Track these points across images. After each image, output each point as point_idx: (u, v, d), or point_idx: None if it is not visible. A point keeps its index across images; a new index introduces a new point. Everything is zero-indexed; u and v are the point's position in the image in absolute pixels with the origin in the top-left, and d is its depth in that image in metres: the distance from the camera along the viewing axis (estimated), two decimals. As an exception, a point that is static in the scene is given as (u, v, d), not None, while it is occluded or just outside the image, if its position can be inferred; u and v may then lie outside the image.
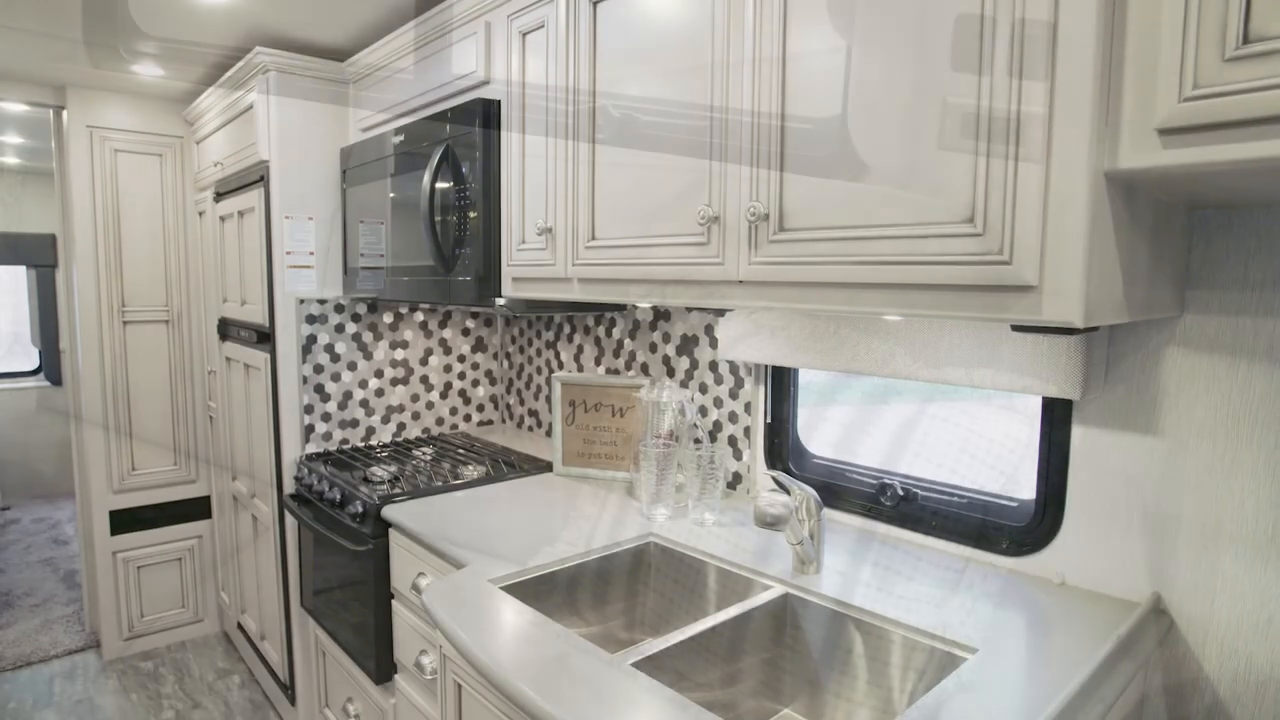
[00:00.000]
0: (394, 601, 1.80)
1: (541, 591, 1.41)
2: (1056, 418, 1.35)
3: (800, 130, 1.05)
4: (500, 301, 1.73)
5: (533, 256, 1.58)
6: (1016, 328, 1.06)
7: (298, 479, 2.19)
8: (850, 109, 1.00)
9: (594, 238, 1.42)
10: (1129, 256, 0.93)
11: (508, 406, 2.73)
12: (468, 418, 2.66)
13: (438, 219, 1.78)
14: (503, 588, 1.35)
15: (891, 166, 0.95)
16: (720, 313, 1.36)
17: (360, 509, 1.82)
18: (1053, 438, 1.36)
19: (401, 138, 1.94)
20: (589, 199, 1.42)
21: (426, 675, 1.61)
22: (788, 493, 1.37)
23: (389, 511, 1.75)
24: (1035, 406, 1.39)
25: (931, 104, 0.91)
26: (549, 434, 2.53)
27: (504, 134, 1.66)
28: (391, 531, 1.77)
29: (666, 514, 1.69)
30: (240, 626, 2.87)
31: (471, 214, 1.70)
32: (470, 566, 1.40)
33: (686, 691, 1.17)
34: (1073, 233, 0.82)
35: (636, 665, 1.09)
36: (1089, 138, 0.80)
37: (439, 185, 1.77)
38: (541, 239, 1.54)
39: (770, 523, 1.20)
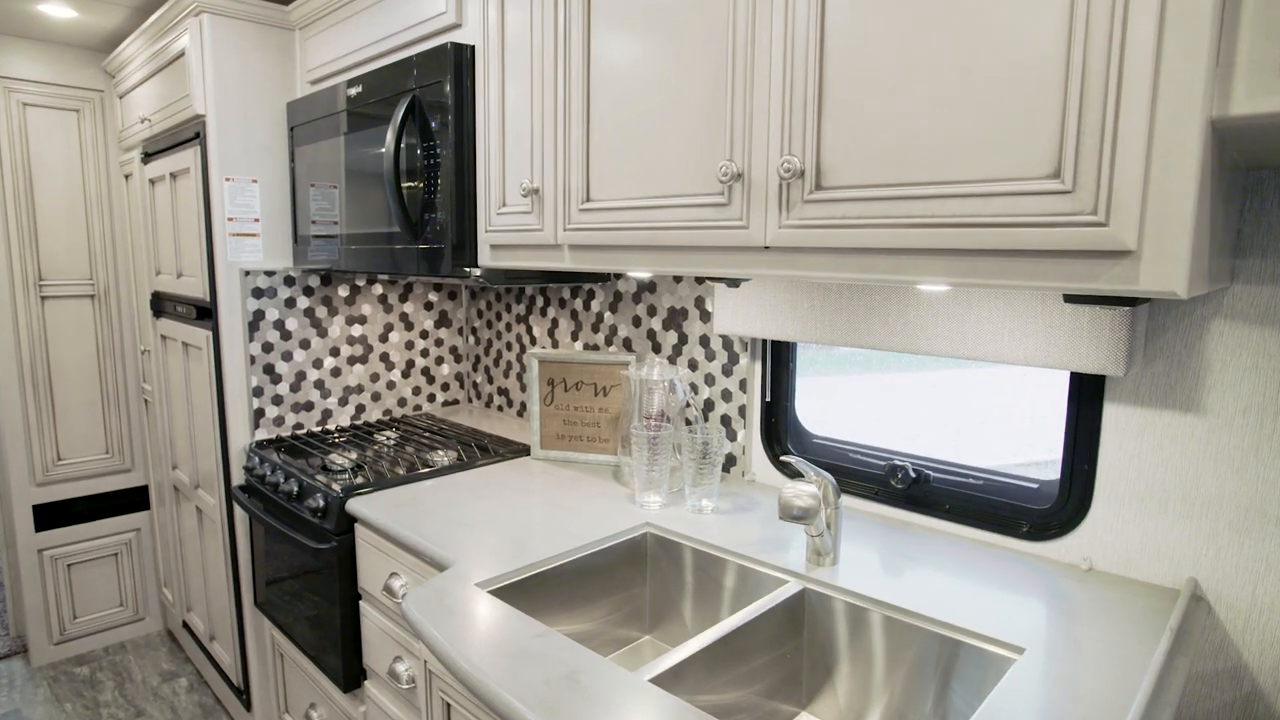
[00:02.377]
0: (362, 603, 1.64)
1: (534, 593, 1.28)
2: (1086, 394, 1.27)
3: (843, 70, 0.92)
4: (475, 272, 1.56)
5: (515, 221, 1.42)
6: (1071, 298, 0.96)
7: (248, 469, 2.00)
8: (903, 47, 0.87)
9: (589, 199, 1.26)
10: (1212, 220, 0.83)
11: (475, 385, 2.56)
12: (432, 398, 2.49)
13: (404, 181, 1.60)
14: (491, 592, 1.21)
15: (957, 113, 0.83)
16: (736, 283, 1.23)
17: (322, 502, 1.65)
18: (1080, 416, 1.28)
19: (358, 89, 1.74)
20: (583, 155, 1.26)
21: (403, 685, 1.47)
22: (801, 478, 1.26)
23: (355, 505, 1.58)
24: (1035, 376, 1.30)
25: (1011, 33, 0.79)
26: (521, 414, 2.38)
27: (480, 83, 1.48)
28: (358, 527, 1.61)
29: (660, 501, 1.57)
30: (186, 626, 2.66)
31: (442, 175, 1.52)
32: (453, 568, 1.26)
33: (701, 696, 1.06)
34: (1180, 190, 0.70)
35: (656, 681, 0.97)
36: (1204, 76, 0.68)
37: (405, 143, 1.58)
38: (527, 201, 1.38)
39: (798, 516, 1.09)
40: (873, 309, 1.39)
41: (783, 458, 1.24)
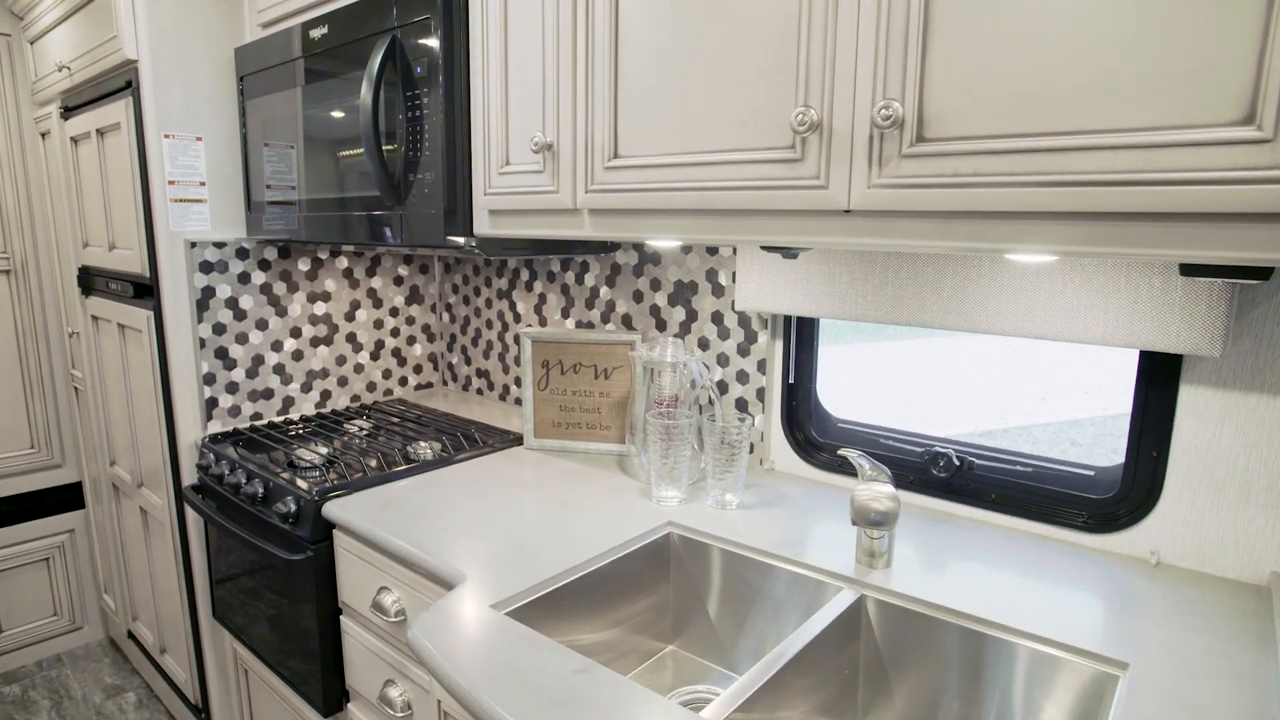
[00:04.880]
0: (344, 618, 1.45)
1: (554, 609, 1.12)
2: (1158, 375, 1.16)
3: (954, -3, 0.76)
4: (465, 241, 1.37)
5: (522, 182, 1.23)
6: (1192, 270, 0.83)
7: (202, 467, 1.77)
8: (1037, -35, 0.71)
9: (616, 155, 1.08)
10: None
11: (450, 367, 2.36)
12: (404, 381, 2.28)
13: (384, 140, 1.38)
14: (509, 614, 1.05)
15: (1112, 43, 0.68)
16: (793, 254, 1.06)
17: (293, 506, 1.45)
18: (1150, 398, 1.17)
19: (323, 30, 1.51)
20: (609, 103, 1.07)
21: (397, 712, 1.30)
22: (848, 473, 1.12)
23: (332, 509, 1.39)
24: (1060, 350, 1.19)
25: (1185, -49, 0.64)
26: (504, 398, 2.19)
27: (479, 18, 1.27)
28: (337, 534, 1.42)
29: (679, 496, 1.42)
30: (132, 635, 2.42)
31: (429, 130, 1.32)
32: (462, 586, 1.09)
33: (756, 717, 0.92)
34: None
35: (726, 723, 0.83)
36: None
37: (384, 91, 1.37)
38: (538, 159, 1.18)
39: (876, 521, 0.95)
40: (924, 282, 1.25)
41: (841, 451, 1.10)
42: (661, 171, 1.03)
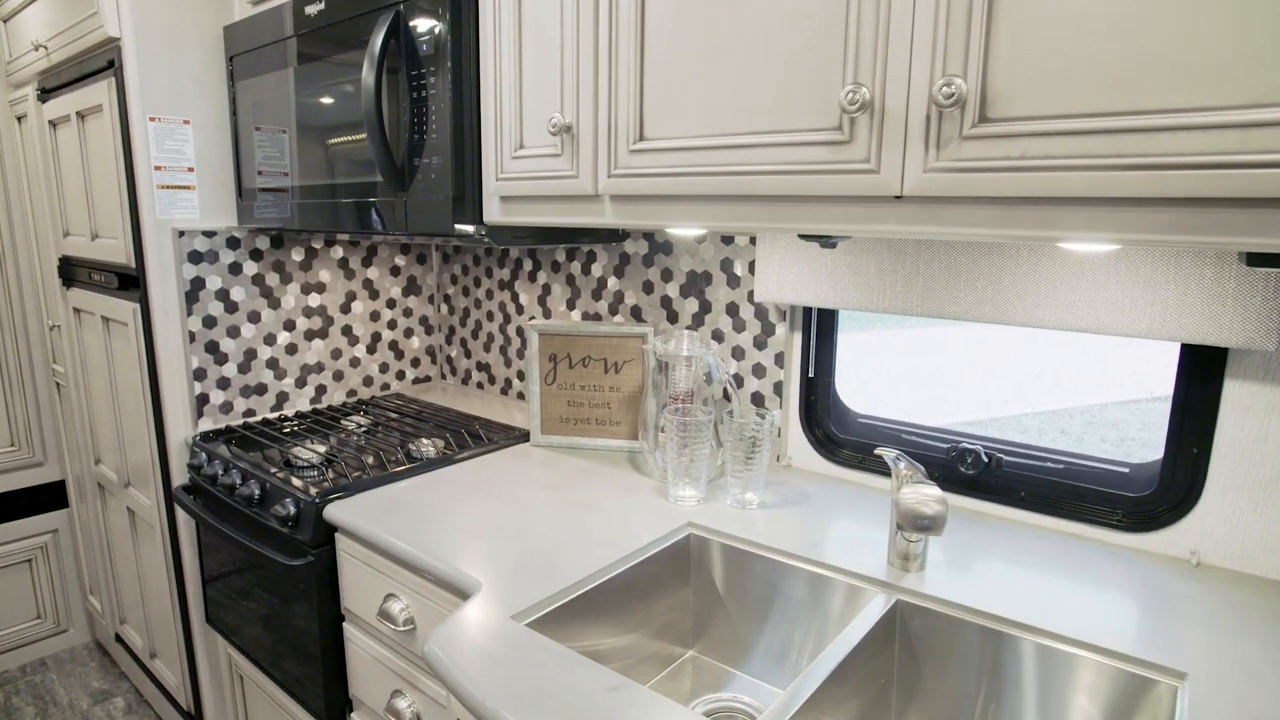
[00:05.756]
0: (346, 625, 1.39)
1: (574, 617, 1.06)
2: (1201, 370, 1.11)
3: (1024, -36, 0.70)
4: (474, 229, 1.30)
5: (538, 166, 1.16)
6: (1256, 259, 0.79)
7: (193, 466, 1.70)
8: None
9: (642, 137, 1.02)
10: None
11: (448, 360, 2.29)
12: (401, 375, 2.21)
13: (387, 121, 1.31)
14: (530, 625, 0.99)
15: (1206, 17, 0.62)
16: (832, 243, 1.00)
17: (292, 509, 1.38)
18: (1192, 393, 1.13)
19: (319, 7, 1.42)
20: (635, 82, 1.01)
21: (407, 724, 1.24)
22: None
23: (334, 512, 1.33)
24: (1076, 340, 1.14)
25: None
26: (505, 392, 2.13)
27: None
28: (340, 538, 1.35)
29: (697, 496, 1.36)
30: (120, 639, 2.34)
31: (435, 112, 1.24)
32: (479, 596, 1.03)
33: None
34: None
35: (772, 744, 0.78)
36: None
37: (386, 71, 1.29)
38: (555, 141, 1.12)
39: (925, 526, 0.90)
40: (958, 273, 1.20)
41: (878, 450, 1.05)
42: (692, 155, 0.96)
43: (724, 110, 0.92)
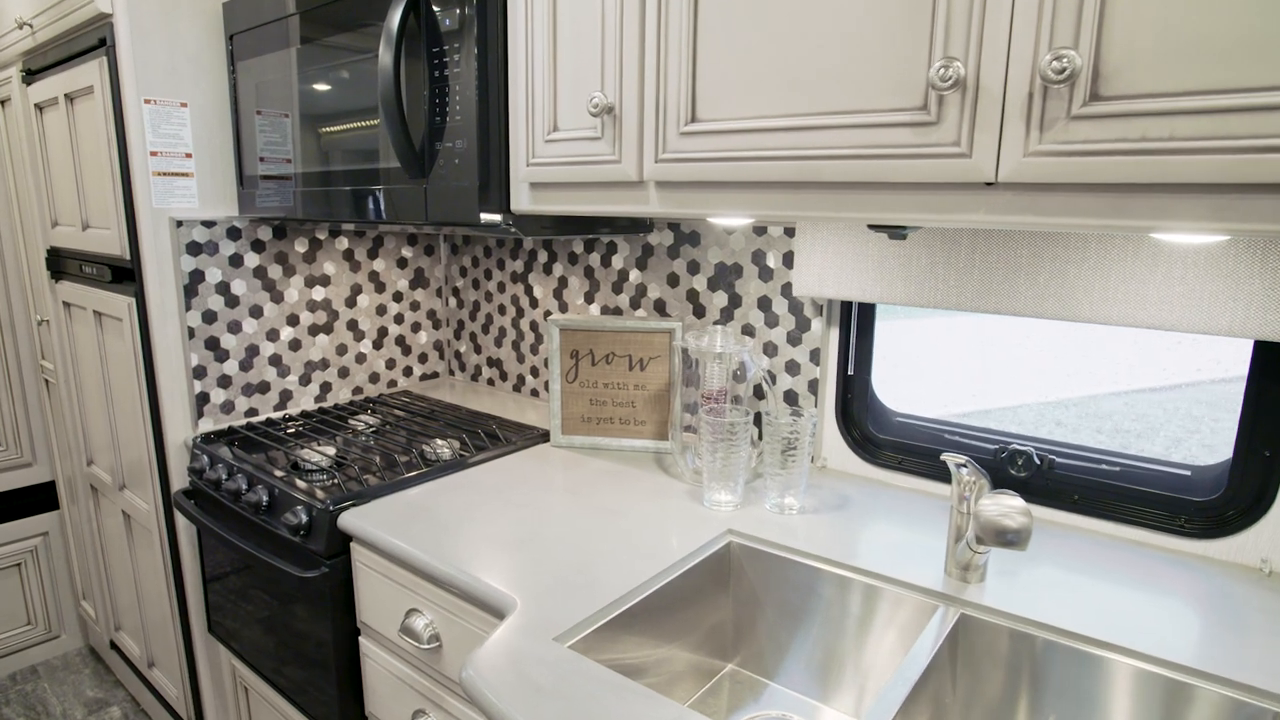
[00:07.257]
0: (363, 639, 1.31)
1: (618, 635, 0.99)
2: (1275, 368, 1.05)
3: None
4: (501, 218, 1.22)
5: (576, 151, 1.07)
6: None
7: (194, 470, 1.61)
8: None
9: (694, 119, 0.94)
10: None
11: (457, 355, 2.20)
12: (408, 371, 2.12)
13: (404, 100, 1.22)
14: (572, 647, 0.92)
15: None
16: (902, 234, 0.92)
17: (304, 518, 1.30)
18: (1265, 393, 1.07)
19: (328, -20, 1.33)
20: (687, 55, 0.92)
21: (431, 746, 1.17)
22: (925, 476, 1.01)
23: (351, 521, 1.25)
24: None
25: None
26: (518, 389, 2.05)
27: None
28: (355, 548, 1.27)
29: (734, 501, 1.30)
30: (115, 645, 2.25)
31: (459, 93, 1.16)
32: (516, 615, 0.95)
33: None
34: None
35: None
36: None
37: (404, 49, 1.21)
38: (595, 123, 1.03)
39: (1010, 540, 0.83)
40: (1017, 266, 1.13)
41: (944, 456, 0.98)
42: (750, 137, 0.89)
43: (788, 89, 0.85)
